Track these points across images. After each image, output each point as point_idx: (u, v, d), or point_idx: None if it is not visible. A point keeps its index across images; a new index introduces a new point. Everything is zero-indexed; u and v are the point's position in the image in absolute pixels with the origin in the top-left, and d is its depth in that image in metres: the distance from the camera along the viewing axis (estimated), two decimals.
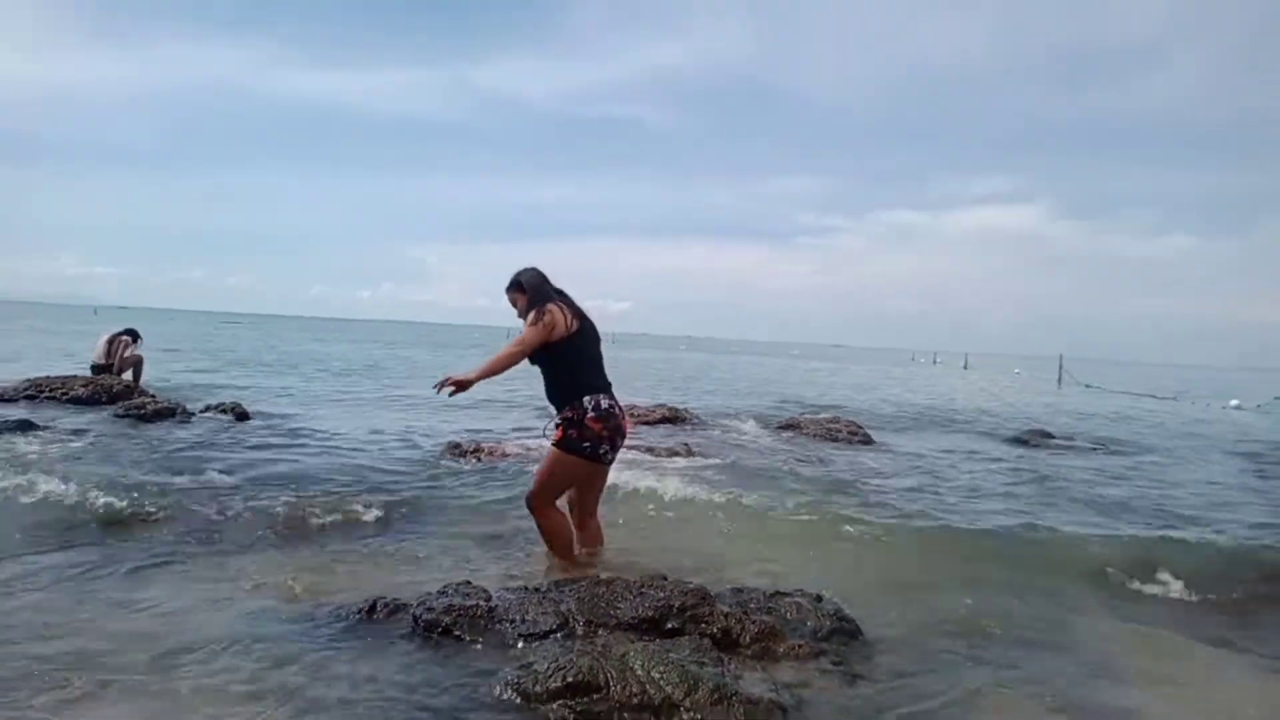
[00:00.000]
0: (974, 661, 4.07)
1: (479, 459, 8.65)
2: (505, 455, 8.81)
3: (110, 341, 12.90)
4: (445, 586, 4.28)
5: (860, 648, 4.16)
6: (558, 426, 4.84)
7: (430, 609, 4.02)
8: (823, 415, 14.38)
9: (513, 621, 3.93)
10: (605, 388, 4.96)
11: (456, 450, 8.92)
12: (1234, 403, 26.32)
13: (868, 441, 12.26)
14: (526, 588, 4.31)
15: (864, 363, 65.27)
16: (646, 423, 12.93)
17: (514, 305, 5.01)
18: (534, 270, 5.05)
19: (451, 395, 4.72)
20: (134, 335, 13.28)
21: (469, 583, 4.35)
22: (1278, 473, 11.16)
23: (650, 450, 9.60)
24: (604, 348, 5.11)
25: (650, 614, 3.95)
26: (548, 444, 4.87)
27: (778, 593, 4.60)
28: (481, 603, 4.05)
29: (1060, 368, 41.22)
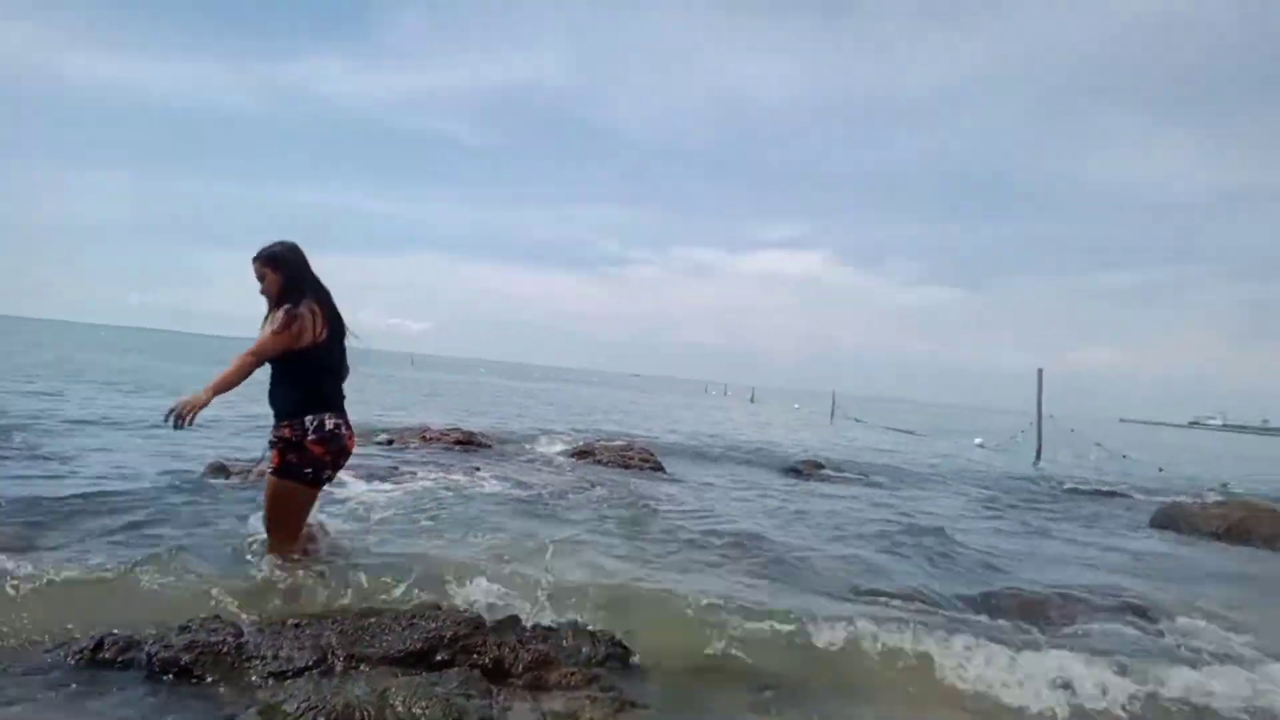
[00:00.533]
0: (742, 691, 4.23)
1: (243, 479, 7.98)
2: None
3: None
4: (188, 621, 3.87)
5: (634, 675, 4.20)
6: (273, 448, 4.35)
7: (168, 646, 3.61)
8: (617, 442, 14.62)
9: (264, 659, 3.61)
10: (337, 404, 4.51)
11: (219, 470, 8.18)
12: (978, 441, 29.63)
13: (659, 469, 12.59)
14: (283, 622, 3.99)
15: (660, 392, 67.37)
16: (441, 444, 12.58)
17: (260, 280, 4.30)
18: (293, 247, 4.37)
19: (183, 426, 3.95)
20: None
21: (217, 617, 3.96)
22: (998, 504, 12.66)
23: (444, 471, 9.30)
24: (401, 369, 4.86)
25: (419, 646, 3.78)
26: (265, 469, 4.44)
27: (555, 621, 4.58)
28: (229, 638, 3.70)
29: (833, 404, 44.63)
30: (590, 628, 4.56)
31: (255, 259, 4.29)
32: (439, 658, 3.78)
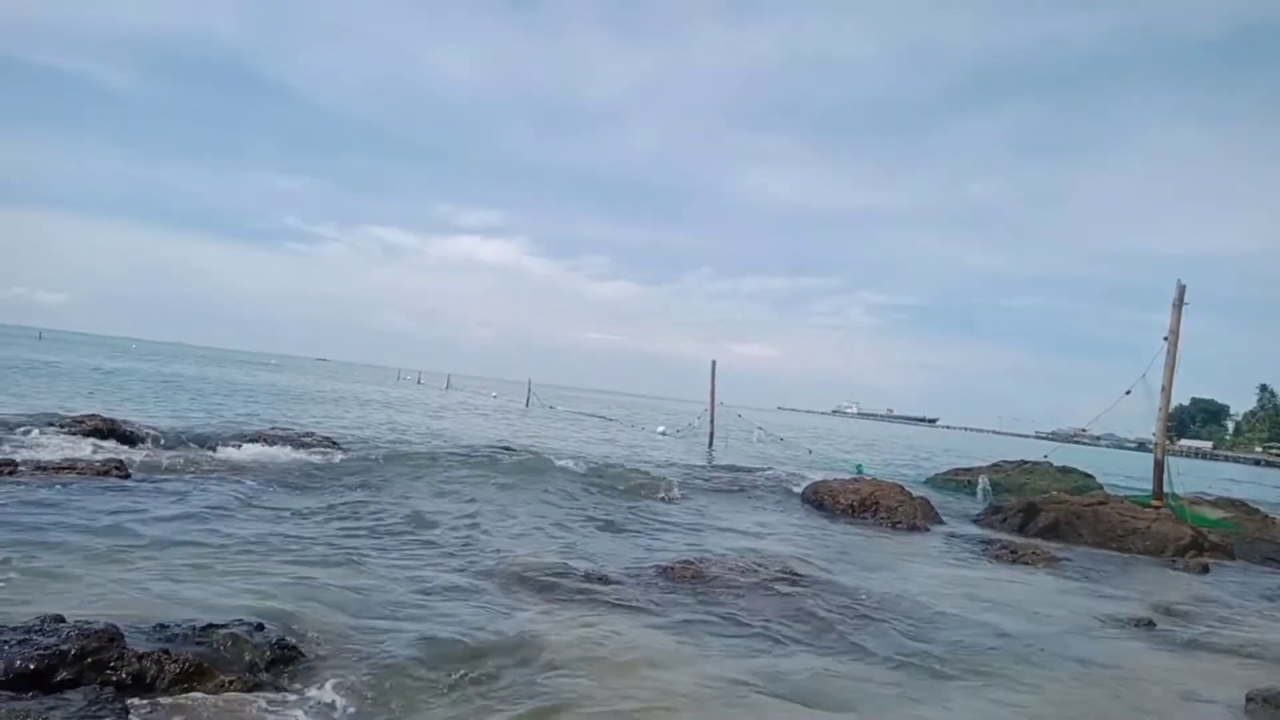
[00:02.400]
0: (419, 667, 4.16)
1: None
2: None
3: None
4: None
5: (305, 674, 3.97)
6: None
7: None
8: (294, 429, 13.65)
9: None
10: None
11: None
12: (661, 429, 31.83)
13: (338, 449, 11.99)
14: None
15: (349, 379, 63.79)
16: (73, 434, 10.75)
17: None
18: None
19: None
20: None
21: None
22: (683, 484, 13.81)
23: (71, 468, 8.03)
24: (25, 348, 4.05)
25: (32, 666, 3.25)
26: None
27: (210, 625, 4.17)
28: None
29: (529, 392, 45.41)
30: (257, 625, 4.23)
31: None
32: (60, 677, 3.28)
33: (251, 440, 12.26)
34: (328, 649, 4.33)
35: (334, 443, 12.76)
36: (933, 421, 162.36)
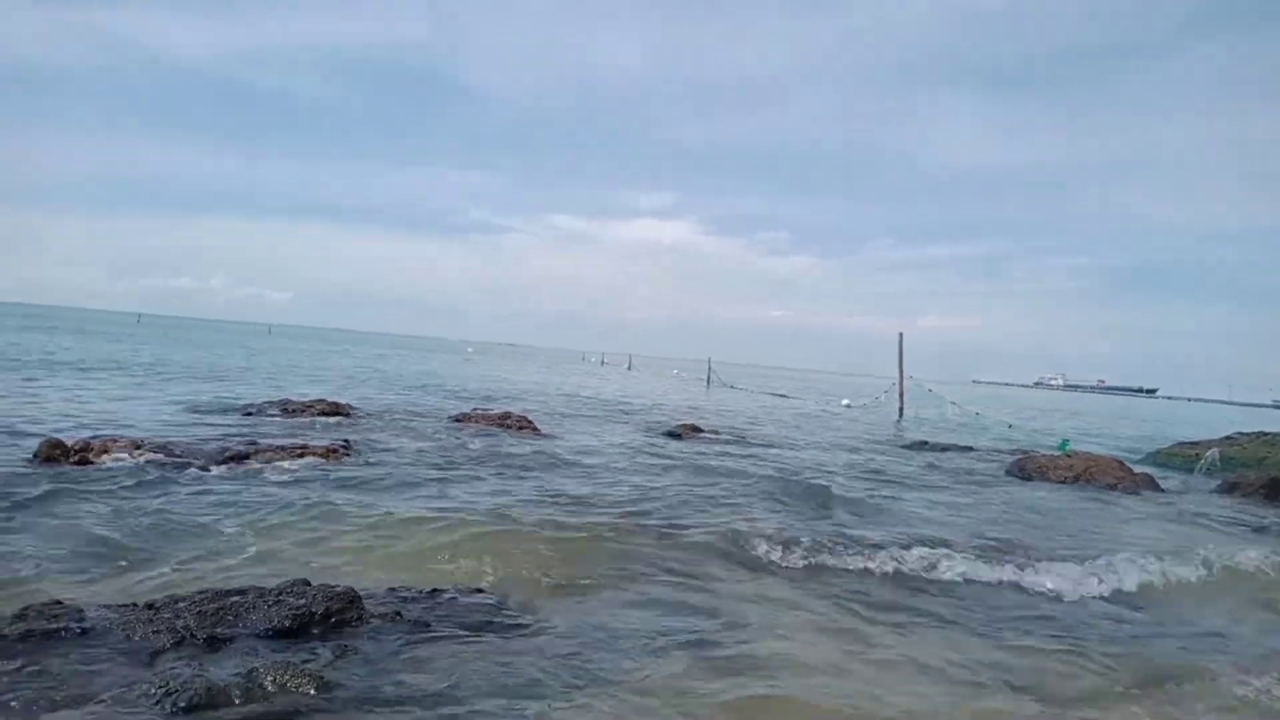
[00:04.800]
0: (634, 640, 4.25)
1: (87, 456, 7.36)
2: (118, 453, 7.59)
3: None
4: (25, 609, 3.53)
5: (511, 634, 4.15)
6: None
7: (2, 636, 3.29)
8: (495, 409, 14.40)
9: (116, 643, 3.35)
10: None
11: (56, 448, 7.48)
12: (845, 402, 31.00)
13: (536, 433, 12.49)
14: (135, 604, 3.70)
15: (537, 361, 66.82)
16: (304, 417, 11.98)
17: None
18: None
19: None
20: None
21: (59, 603, 3.63)
22: (870, 459, 13.32)
23: (303, 450, 8.87)
24: (259, 339, 4.53)
25: (288, 623, 3.60)
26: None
27: (435, 589, 4.46)
28: (73, 624, 3.40)
29: (709, 370, 45.57)
30: (473, 588, 4.48)
31: None
32: (312, 633, 3.60)
33: (457, 420, 13.09)
34: (535, 615, 4.50)
35: (528, 421, 13.32)
36: (1151, 392, 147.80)
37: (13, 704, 2.87)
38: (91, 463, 7.36)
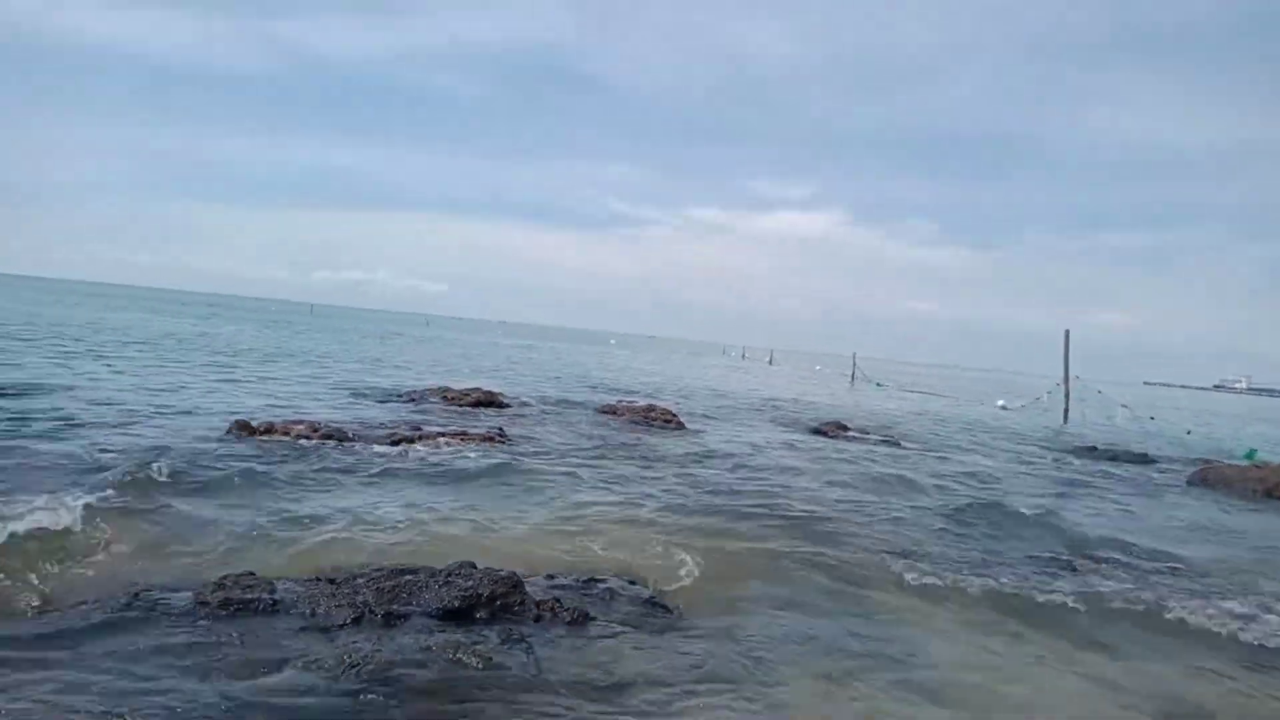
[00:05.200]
0: (787, 641, 4.14)
1: (269, 437, 7.95)
2: (298, 434, 8.15)
3: None
4: (224, 578, 3.82)
5: (669, 628, 4.12)
6: None
7: (204, 603, 3.57)
8: (639, 403, 14.53)
9: (301, 614, 3.56)
10: None
11: (245, 429, 8.13)
12: (1000, 403, 29.29)
13: (681, 428, 12.50)
14: (319, 579, 3.94)
15: (677, 354, 67.11)
16: (461, 405, 12.50)
17: None
18: None
19: None
20: None
21: (252, 574, 3.91)
22: (1033, 465, 12.50)
23: (463, 435, 9.24)
24: (418, 328, 4.66)
25: (457, 604, 3.72)
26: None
27: (591, 579, 4.51)
28: (265, 595, 3.65)
29: (854, 366, 44.31)
30: (627, 581, 4.50)
31: None
32: (478, 615, 3.71)
33: (604, 412, 13.30)
34: (693, 609, 4.45)
35: (673, 415, 13.35)
36: None
37: (217, 667, 3.10)
38: (273, 438, 7.95)
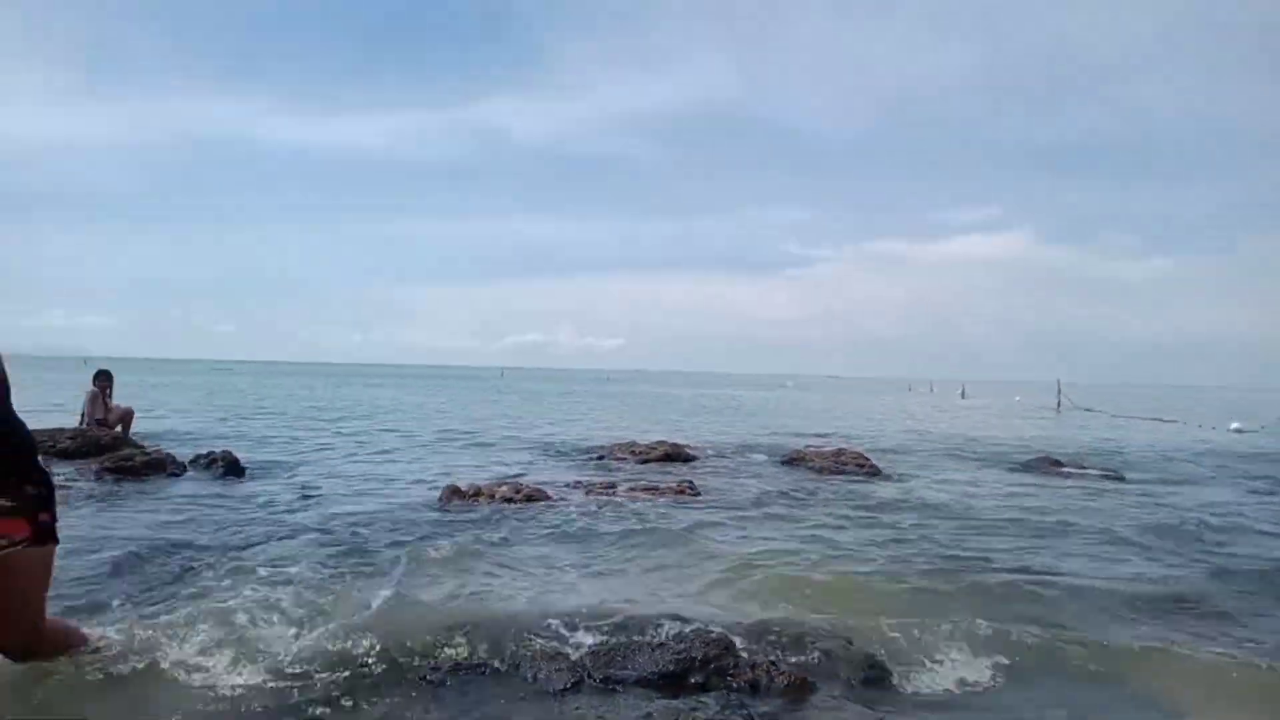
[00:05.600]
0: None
1: (477, 500, 8.38)
2: (503, 496, 8.52)
3: (93, 397, 12.71)
4: (453, 631, 4.00)
5: (896, 700, 3.87)
6: (19, 515, 3.00)
7: (436, 669, 3.74)
8: (827, 448, 14.12)
9: (524, 679, 3.65)
10: None
11: (456, 494, 8.62)
12: (1235, 425, 26.04)
13: (875, 473, 11.99)
14: (532, 638, 4.03)
15: (860, 393, 65.02)
16: (646, 460, 12.67)
17: None
18: None
19: None
20: (107, 378, 13.03)
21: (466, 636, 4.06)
22: None
23: (654, 490, 9.32)
24: (599, 384, 4.69)
25: (671, 668, 3.68)
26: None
27: (803, 638, 4.34)
28: (490, 660, 3.77)
29: (1059, 392, 41.06)
30: (846, 644, 4.29)
31: None
32: (693, 680, 3.65)
33: (789, 460, 13.03)
34: (910, 680, 4.16)
35: (866, 459, 12.86)
36: None
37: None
38: (480, 501, 8.38)
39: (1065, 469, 12.97)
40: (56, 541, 3.13)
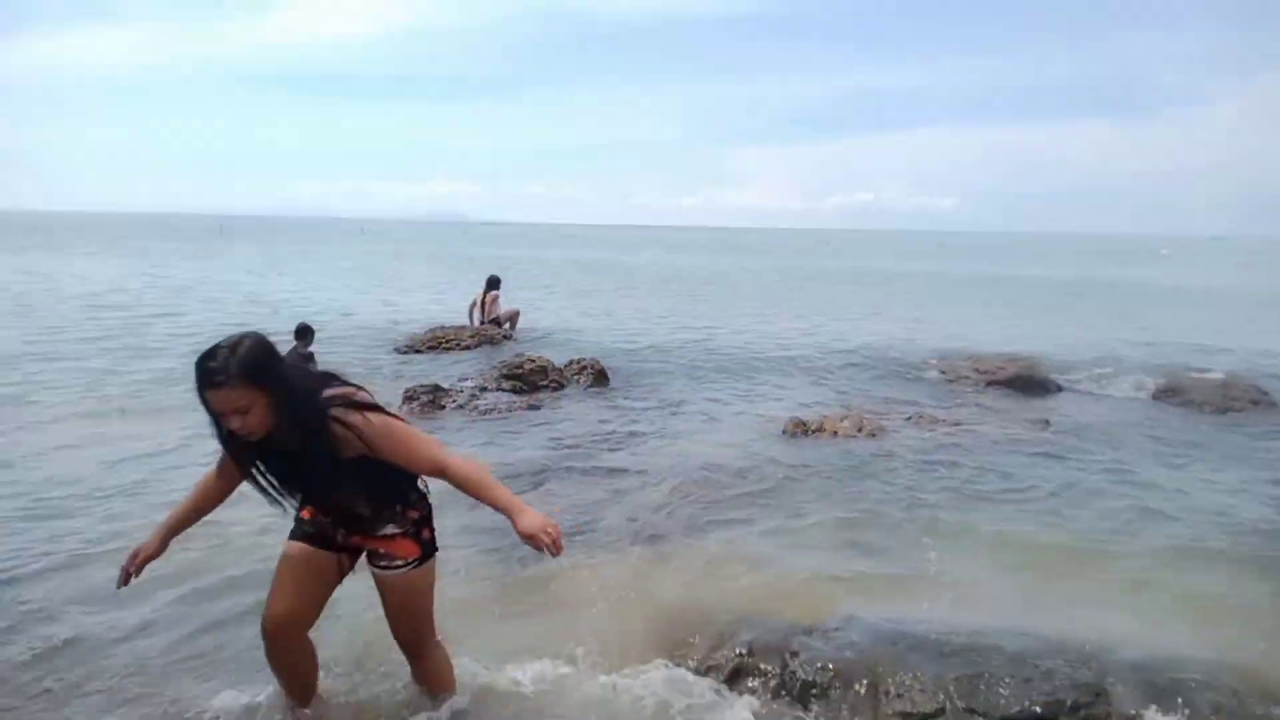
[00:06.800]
0: None
1: (820, 436, 8.62)
2: (844, 433, 8.66)
3: (484, 302, 15.21)
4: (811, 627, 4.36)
5: None
6: (404, 537, 3.18)
7: (792, 673, 4.13)
8: (1212, 374, 12.17)
9: (888, 695, 3.93)
10: None
11: (800, 426, 8.90)
12: None
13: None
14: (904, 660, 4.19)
15: (1260, 265, 53.86)
16: (993, 383, 11.82)
17: (225, 417, 2.63)
18: (263, 344, 2.72)
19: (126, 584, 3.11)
20: (496, 284, 15.68)
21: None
22: None
23: (1006, 430, 8.87)
24: (929, 260, 4.00)
25: (1037, 710, 3.74)
26: (390, 572, 3.20)
27: (1181, 677, 4.07)
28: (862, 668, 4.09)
29: None
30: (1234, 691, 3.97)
31: (221, 383, 2.56)
32: None
33: (1167, 393, 11.44)
34: None
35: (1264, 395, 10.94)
36: None
37: None
38: (822, 436, 8.67)
39: None
40: (436, 551, 3.32)
